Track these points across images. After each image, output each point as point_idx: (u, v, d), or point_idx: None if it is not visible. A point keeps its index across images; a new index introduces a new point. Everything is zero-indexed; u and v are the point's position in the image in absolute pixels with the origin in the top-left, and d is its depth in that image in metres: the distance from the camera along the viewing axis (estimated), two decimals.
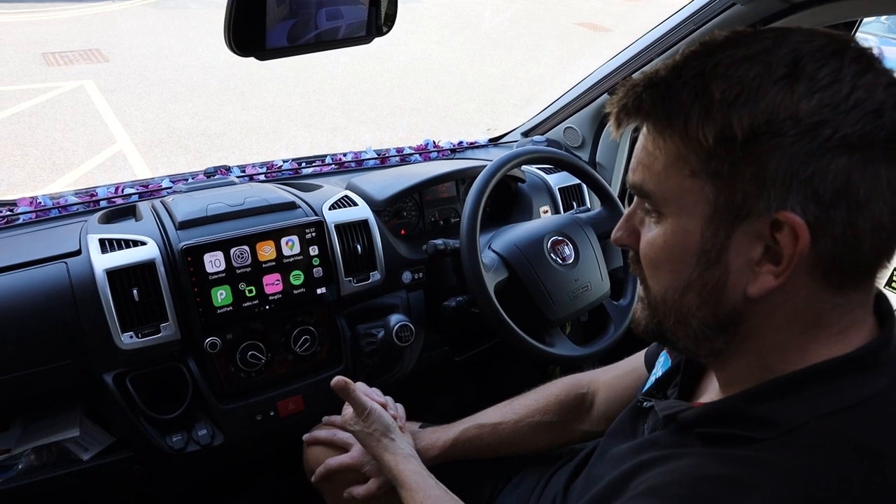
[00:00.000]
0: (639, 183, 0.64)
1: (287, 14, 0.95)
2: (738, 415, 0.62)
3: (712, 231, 0.60)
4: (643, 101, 0.61)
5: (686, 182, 0.60)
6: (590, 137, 1.91)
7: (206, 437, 1.30)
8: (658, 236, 0.64)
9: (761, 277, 0.59)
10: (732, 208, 0.58)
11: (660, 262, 0.65)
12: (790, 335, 0.61)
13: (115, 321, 1.19)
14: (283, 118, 5.96)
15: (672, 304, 0.65)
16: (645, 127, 0.63)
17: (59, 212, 1.48)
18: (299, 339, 1.37)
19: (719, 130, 0.56)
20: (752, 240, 0.58)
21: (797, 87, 0.54)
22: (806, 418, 0.57)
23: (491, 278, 1.36)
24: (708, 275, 0.61)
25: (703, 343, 0.65)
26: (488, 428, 1.17)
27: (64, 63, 6.93)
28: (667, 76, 0.60)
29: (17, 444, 1.26)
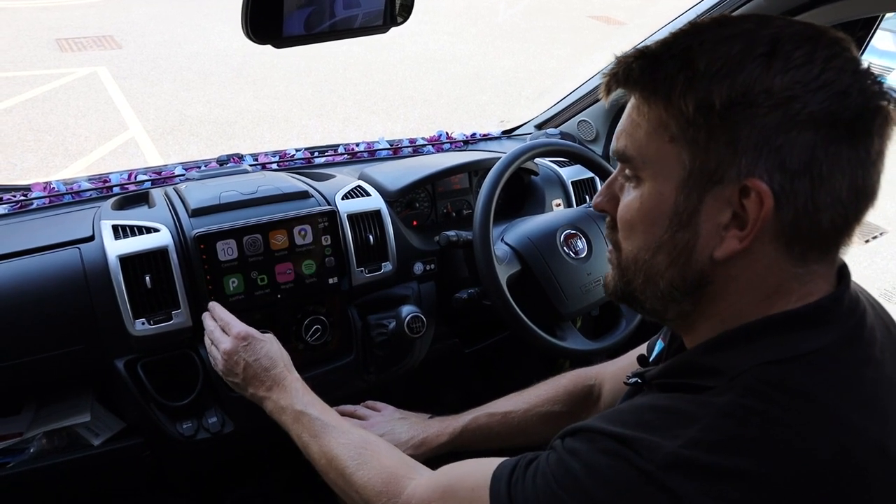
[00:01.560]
0: (621, 149, 0.69)
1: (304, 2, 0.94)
2: (691, 366, 0.68)
3: (685, 194, 0.64)
4: (632, 70, 0.66)
5: (665, 147, 0.64)
6: (604, 131, 1.89)
7: (217, 425, 1.30)
8: (635, 199, 0.69)
9: (727, 241, 0.63)
10: (705, 173, 0.62)
11: (635, 223, 0.69)
12: (752, 299, 0.65)
13: (127, 307, 1.19)
14: (295, 107, 5.95)
15: (642, 264, 0.69)
16: (632, 97, 0.68)
17: (72, 197, 1.48)
18: (310, 328, 1.37)
19: (700, 100, 0.61)
20: (721, 205, 0.62)
21: (774, 64, 0.59)
22: (749, 365, 0.61)
23: (503, 271, 1.36)
24: (679, 236, 0.65)
25: (670, 304, 0.70)
26: (498, 417, 1.18)
27: (77, 49, 6.95)
28: (656, 49, 0.65)
29: (29, 427, 1.27)
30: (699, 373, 0.65)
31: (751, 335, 0.64)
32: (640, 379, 0.77)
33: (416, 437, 1.19)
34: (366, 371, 1.46)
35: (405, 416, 1.28)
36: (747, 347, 0.64)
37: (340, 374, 1.42)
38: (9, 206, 1.42)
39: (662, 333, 0.92)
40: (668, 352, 0.84)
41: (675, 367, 0.71)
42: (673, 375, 0.70)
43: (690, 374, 0.66)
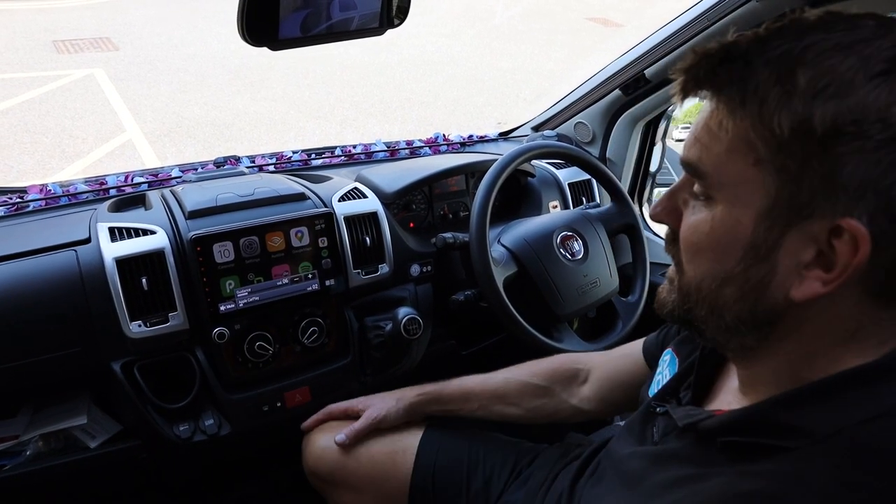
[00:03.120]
0: (694, 161, 0.60)
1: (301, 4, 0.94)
2: (765, 422, 0.59)
3: (766, 227, 0.56)
4: (717, 73, 0.57)
5: (748, 170, 0.56)
6: (600, 133, 1.90)
7: (213, 427, 1.30)
8: (705, 221, 0.60)
9: (808, 282, 0.55)
10: (793, 207, 0.54)
11: (702, 249, 0.61)
12: (825, 343, 0.58)
13: (123, 310, 1.19)
14: (293, 109, 5.96)
15: (707, 294, 0.62)
16: (712, 102, 0.58)
17: (68, 200, 1.48)
18: (307, 330, 1.37)
19: (798, 122, 0.52)
20: (805, 241, 0.55)
21: (895, 88, 0.50)
22: (839, 426, 0.54)
23: (500, 272, 1.36)
24: (753, 271, 0.58)
25: (733, 337, 0.62)
26: (478, 379, 1.20)
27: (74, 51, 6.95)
28: (748, 50, 0.55)
29: (26, 430, 1.27)
30: (777, 432, 0.57)
31: (833, 390, 0.57)
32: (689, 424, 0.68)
33: (396, 393, 1.22)
34: (363, 373, 1.46)
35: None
36: (830, 404, 0.56)
37: (337, 376, 1.42)
38: (5, 208, 1.42)
39: (673, 344, 0.89)
40: (696, 375, 0.78)
41: (746, 424, 0.61)
42: (745, 433, 0.60)
43: (766, 434, 0.58)
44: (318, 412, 1.27)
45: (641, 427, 0.83)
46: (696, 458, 0.65)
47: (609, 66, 1.79)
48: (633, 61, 1.69)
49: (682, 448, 0.69)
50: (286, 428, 1.45)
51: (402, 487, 1.14)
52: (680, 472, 0.64)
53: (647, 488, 0.67)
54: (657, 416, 0.79)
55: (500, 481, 1.12)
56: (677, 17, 1.57)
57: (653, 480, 0.68)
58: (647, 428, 0.81)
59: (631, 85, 1.72)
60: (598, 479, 0.90)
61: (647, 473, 0.70)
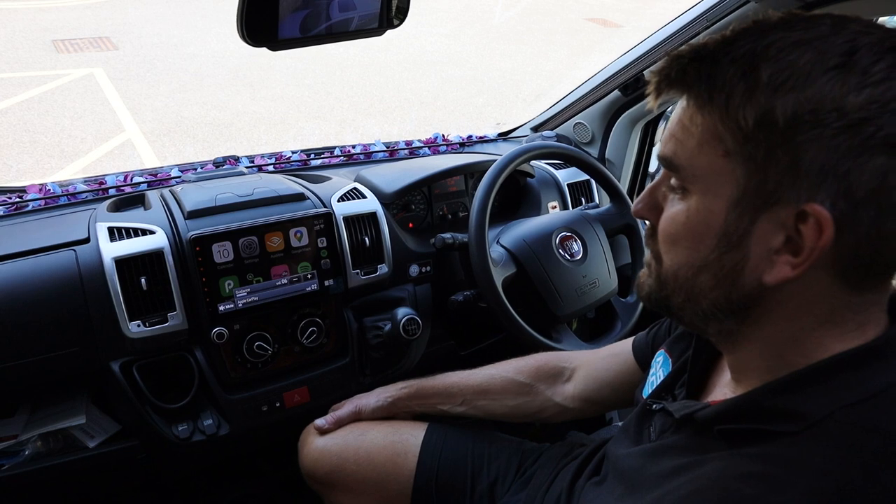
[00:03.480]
0: (669, 155, 0.63)
1: (300, 4, 0.94)
2: (759, 408, 0.61)
3: (737, 214, 0.59)
4: (687, 72, 0.60)
5: (718, 161, 0.59)
6: (599, 133, 1.90)
7: (212, 427, 1.30)
8: (681, 212, 0.64)
9: (778, 266, 0.58)
10: (761, 194, 0.57)
11: (678, 239, 0.64)
12: (803, 327, 0.61)
13: (122, 309, 1.19)
14: (292, 109, 5.95)
15: (684, 282, 0.65)
16: (684, 100, 0.62)
17: (67, 199, 1.48)
18: (306, 330, 1.37)
19: (761, 114, 0.55)
20: (775, 227, 0.57)
21: (848, 80, 0.53)
22: (830, 409, 0.56)
23: (499, 273, 1.36)
24: (726, 258, 0.61)
25: (711, 322, 0.65)
26: (463, 375, 1.22)
27: (73, 50, 6.94)
28: (715, 50, 0.58)
29: (24, 430, 1.27)
30: (771, 418, 0.60)
31: (822, 375, 0.59)
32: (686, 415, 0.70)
33: (380, 388, 1.24)
34: (361, 373, 1.46)
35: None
36: (820, 389, 0.59)
37: (336, 376, 1.42)
38: (4, 207, 1.42)
39: (665, 345, 0.89)
40: (690, 371, 0.79)
41: (741, 411, 0.63)
42: (739, 420, 0.63)
43: (761, 420, 0.61)
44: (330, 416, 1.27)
45: (638, 427, 0.83)
46: (693, 447, 0.67)
47: (608, 66, 1.79)
48: (633, 62, 1.69)
49: (678, 441, 0.70)
50: (285, 428, 1.45)
51: (403, 490, 1.13)
52: (677, 461, 0.66)
53: (645, 481, 0.68)
54: (653, 414, 0.80)
55: (506, 483, 1.12)
56: (676, 18, 1.58)
57: (650, 473, 0.69)
58: (643, 428, 0.82)
59: (630, 86, 1.72)
60: (596, 481, 0.91)
61: (644, 468, 0.71)
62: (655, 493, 0.64)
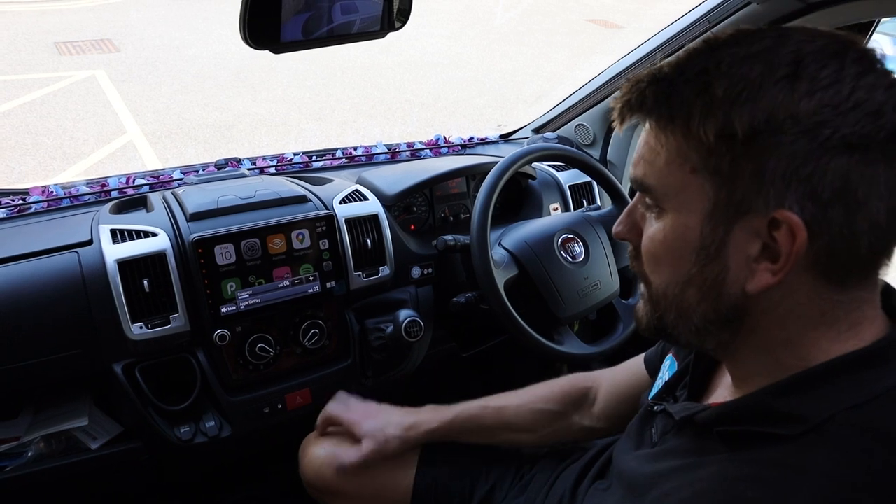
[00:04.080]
0: (640, 177, 0.65)
1: (302, 7, 0.95)
2: (759, 411, 0.62)
3: (711, 227, 0.60)
4: (646, 97, 0.62)
5: (687, 178, 0.61)
6: (601, 135, 1.90)
7: (214, 429, 1.30)
8: (658, 231, 0.65)
9: (759, 274, 0.59)
10: (731, 205, 0.59)
11: (660, 257, 0.66)
12: (796, 330, 0.61)
13: (125, 312, 1.19)
14: (293, 111, 5.95)
15: (673, 299, 0.66)
16: (647, 123, 0.64)
17: (70, 201, 1.48)
18: (308, 332, 1.37)
19: (720, 128, 0.57)
20: (750, 237, 0.59)
21: (798, 87, 0.55)
22: (830, 413, 0.57)
23: (501, 275, 1.36)
24: (707, 270, 0.62)
25: (706, 337, 0.66)
26: (490, 409, 1.16)
27: (76, 52, 6.95)
28: (670, 73, 0.61)
29: (27, 431, 1.27)
30: (771, 420, 0.60)
31: (822, 378, 0.59)
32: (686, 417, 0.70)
33: (407, 420, 1.15)
34: (363, 375, 1.46)
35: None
36: (820, 392, 0.59)
37: (338, 378, 1.43)
38: (7, 210, 1.42)
39: (672, 349, 0.89)
40: (691, 374, 0.80)
41: (741, 413, 0.63)
42: (740, 422, 0.63)
43: (761, 422, 0.61)
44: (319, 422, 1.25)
45: (640, 430, 0.84)
46: (693, 450, 0.67)
47: (610, 68, 1.79)
48: (634, 63, 1.69)
49: (679, 444, 0.71)
50: (287, 430, 1.45)
51: (402, 499, 1.13)
52: (676, 462, 0.67)
53: (645, 483, 0.69)
54: (655, 415, 0.80)
55: (504, 486, 1.12)
56: (678, 20, 1.58)
57: (648, 473, 0.69)
58: (645, 430, 0.82)
59: None
60: (599, 485, 0.91)
61: (644, 471, 0.71)
62: (654, 494, 0.64)
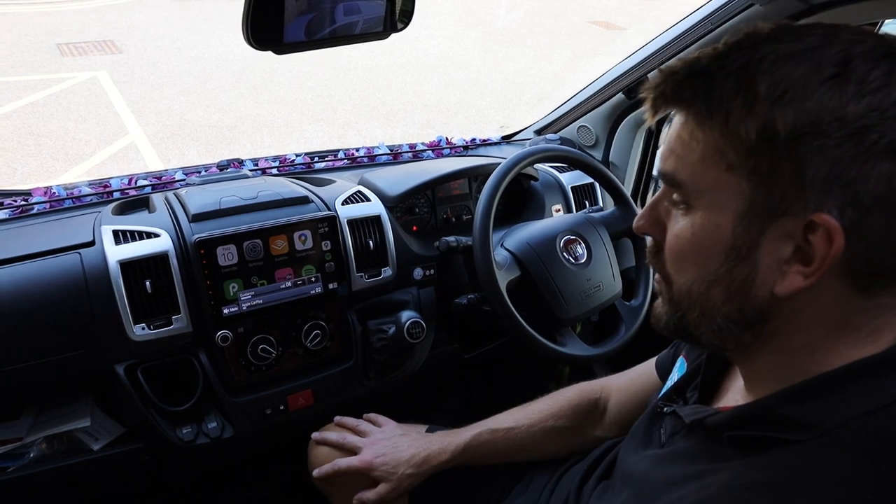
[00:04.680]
0: (671, 172, 0.63)
1: (305, 8, 0.95)
2: (771, 416, 0.61)
3: (744, 227, 0.59)
4: (683, 89, 0.60)
5: (722, 176, 0.59)
6: (603, 136, 1.90)
7: (216, 430, 1.30)
8: (686, 228, 0.63)
9: (790, 277, 0.58)
10: (768, 206, 0.57)
11: (686, 255, 0.64)
12: (817, 335, 0.60)
13: (127, 312, 1.19)
14: (295, 112, 5.96)
15: (697, 297, 0.64)
16: (681, 116, 0.62)
17: (72, 202, 1.48)
18: (310, 333, 1.37)
19: (762, 127, 0.55)
20: (783, 238, 0.57)
21: (846, 89, 0.53)
22: (844, 419, 0.56)
23: (503, 276, 1.36)
24: (736, 271, 0.60)
25: (728, 337, 0.64)
26: (501, 433, 1.15)
27: (78, 54, 6.96)
28: (709, 65, 0.58)
29: (29, 432, 1.27)
30: (783, 425, 0.59)
31: (836, 384, 0.59)
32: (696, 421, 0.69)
33: (418, 455, 1.15)
34: (365, 376, 1.46)
35: (406, 431, 1.24)
36: (834, 397, 0.58)
37: (340, 380, 1.42)
38: (9, 210, 1.42)
39: (684, 350, 0.89)
40: (703, 375, 0.79)
41: (753, 418, 0.62)
42: (750, 427, 0.62)
43: (772, 427, 0.60)
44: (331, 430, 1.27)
45: (648, 429, 0.83)
46: (703, 455, 0.66)
47: (612, 69, 1.79)
48: (637, 65, 1.69)
49: (689, 447, 0.70)
50: (289, 431, 1.45)
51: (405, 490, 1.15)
52: (687, 469, 0.66)
53: (653, 488, 0.68)
54: (664, 416, 0.80)
55: (503, 485, 1.13)
56: (681, 21, 1.57)
57: (659, 479, 0.68)
58: (653, 430, 0.82)
59: (634, 89, 1.72)
60: (606, 484, 0.90)
61: (653, 474, 0.71)
62: (663, 500, 0.64)
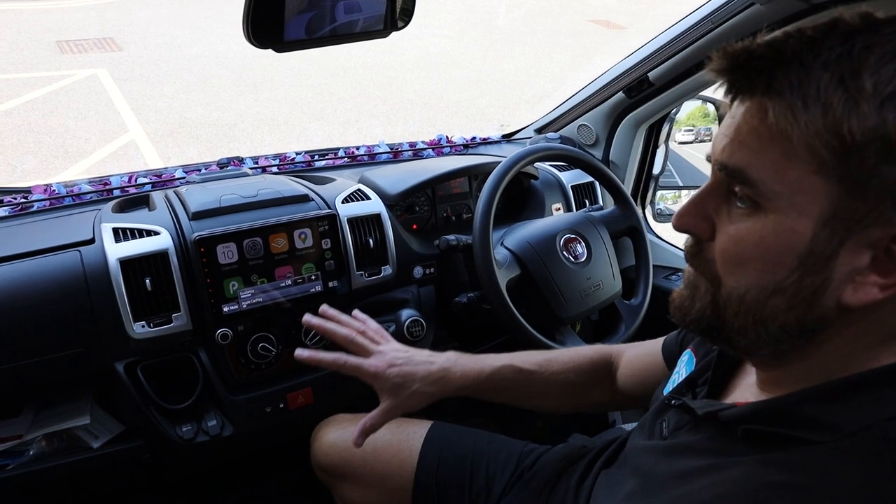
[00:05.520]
0: (741, 167, 0.56)
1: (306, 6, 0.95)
2: (791, 414, 0.58)
3: (827, 235, 0.53)
4: (774, 76, 0.53)
5: (807, 178, 0.53)
6: (603, 135, 1.90)
7: (216, 428, 1.31)
8: (752, 231, 0.57)
9: (865, 287, 0.54)
10: (857, 215, 0.52)
11: (748, 260, 0.58)
12: (863, 345, 0.57)
13: (127, 310, 1.19)
14: (295, 110, 5.96)
15: (752, 305, 0.59)
16: (757, 104, 0.55)
17: (72, 200, 1.48)
18: (310, 332, 1.37)
19: (869, 128, 0.49)
20: (863, 247, 0.53)
21: None
22: (867, 423, 0.53)
23: (503, 275, 1.36)
24: (807, 280, 0.55)
25: (771, 346, 0.60)
26: (524, 374, 1.09)
27: (78, 51, 6.96)
28: (801, 52, 0.52)
29: (29, 430, 1.27)
30: (801, 424, 0.56)
31: (862, 386, 0.56)
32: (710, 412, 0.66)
33: (435, 374, 1.05)
34: None
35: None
36: (860, 400, 0.55)
37: (339, 378, 1.42)
38: (9, 208, 1.42)
39: (692, 344, 0.87)
40: (714, 370, 0.76)
41: (772, 414, 0.59)
42: (768, 423, 0.59)
43: (791, 425, 0.57)
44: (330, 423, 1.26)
45: (652, 422, 0.82)
46: (713, 449, 0.64)
47: (612, 68, 1.79)
48: (637, 64, 1.69)
49: (697, 441, 0.67)
50: (289, 429, 1.45)
51: (406, 484, 1.15)
52: (696, 462, 0.63)
53: (660, 481, 0.67)
54: (669, 409, 0.79)
55: (502, 481, 1.13)
56: (681, 20, 1.57)
57: (666, 472, 0.67)
58: (656, 423, 0.80)
59: (634, 88, 1.72)
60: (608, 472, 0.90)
61: (658, 466, 0.70)
62: (673, 494, 0.62)
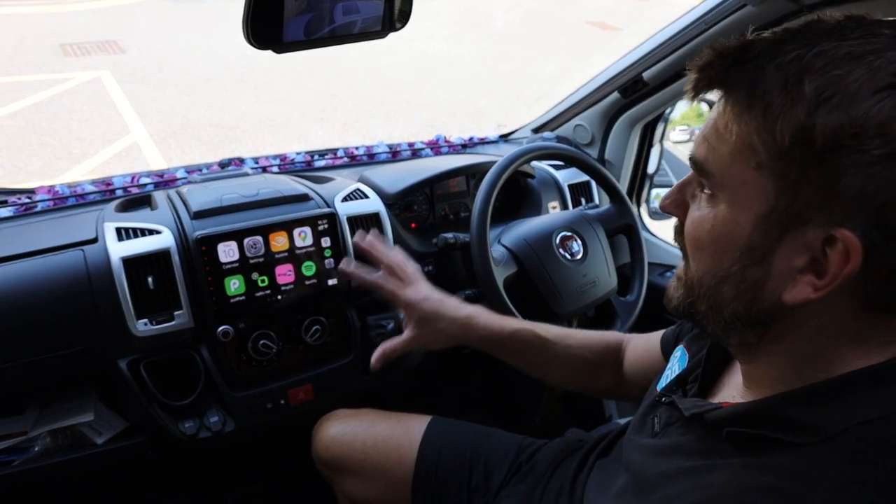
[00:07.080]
0: (701, 160, 0.61)
1: (304, 8, 0.96)
2: (774, 417, 0.59)
3: (763, 231, 0.57)
4: (729, 74, 0.57)
5: (749, 173, 0.56)
6: (599, 135, 1.91)
7: (218, 424, 1.32)
8: (707, 219, 0.62)
9: (800, 287, 0.56)
10: (790, 213, 0.55)
11: (703, 245, 0.63)
12: (821, 345, 0.59)
13: (130, 308, 1.21)
14: (296, 111, 5.98)
15: (707, 290, 0.63)
16: (722, 102, 0.59)
17: (76, 200, 1.50)
18: (310, 329, 1.39)
19: (798, 130, 0.52)
20: (800, 247, 0.55)
21: None
22: (847, 424, 0.54)
23: (500, 272, 1.38)
24: (749, 272, 0.59)
25: (733, 332, 0.64)
26: (540, 340, 1.10)
27: (81, 54, 6.98)
28: (762, 52, 0.55)
29: (34, 427, 1.29)
30: (785, 427, 0.57)
31: (841, 390, 0.57)
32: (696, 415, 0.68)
33: (461, 318, 1.09)
34: (365, 371, 1.47)
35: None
36: (837, 403, 0.56)
37: (340, 375, 1.44)
38: (14, 208, 1.44)
39: (685, 340, 0.88)
40: (703, 368, 0.78)
41: (756, 417, 0.60)
42: (752, 425, 0.60)
43: (774, 428, 0.58)
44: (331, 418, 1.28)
45: (644, 417, 0.83)
46: (700, 450, 0.65)
47: (608, 69, 1.80)
48: (632, 64, 1.70)
49: (685, 441, 0.69)
50: (290, 425, 1.47)
51: (405, 477, 1.17)
52: (684, 463, 0.65)
53: (650, 480, 0.68)
54: (660, 406, 0.80)
55: (500, 475, 1.14)
56: (675, 21, 1.59)
57: (654, 471, 0.68)
58: (647, 419, 0.81)
59: (629, 87, 1.74)
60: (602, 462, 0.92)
61: (647, 465, 0.71)
62: (662, 495, 0.63)
